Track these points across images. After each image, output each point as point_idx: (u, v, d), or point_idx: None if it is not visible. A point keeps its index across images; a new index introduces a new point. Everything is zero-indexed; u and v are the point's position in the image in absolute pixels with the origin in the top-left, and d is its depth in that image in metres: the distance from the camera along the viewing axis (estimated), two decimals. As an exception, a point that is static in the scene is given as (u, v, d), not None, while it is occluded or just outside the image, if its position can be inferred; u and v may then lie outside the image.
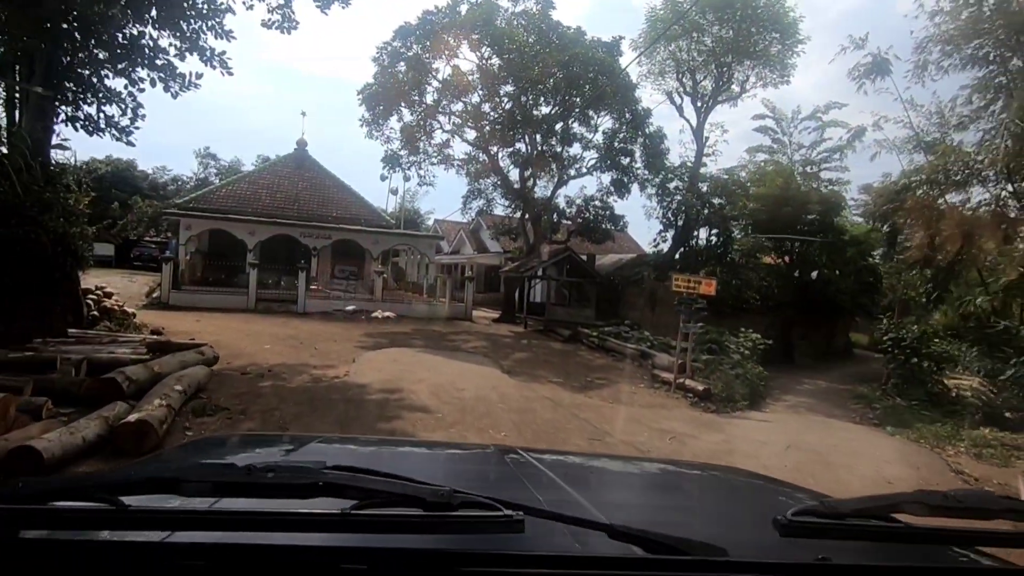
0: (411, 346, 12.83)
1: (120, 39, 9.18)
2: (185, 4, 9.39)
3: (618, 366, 12.40)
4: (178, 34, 9.86)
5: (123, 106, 10.14)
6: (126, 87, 9.64)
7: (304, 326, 14.88)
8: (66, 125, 9.60)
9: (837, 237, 21.51)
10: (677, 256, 21.09)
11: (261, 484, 0.85)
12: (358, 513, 0.83)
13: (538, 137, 20.51)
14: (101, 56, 9.57)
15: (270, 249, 20.69)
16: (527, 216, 22.08)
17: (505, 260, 25.71)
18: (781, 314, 20.96)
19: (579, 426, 6.87)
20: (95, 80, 9.57)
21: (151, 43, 9.51)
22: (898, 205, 17.55)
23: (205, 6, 9.71)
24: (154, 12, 9.24)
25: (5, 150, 8.22)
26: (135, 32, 9.35)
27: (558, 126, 20.91)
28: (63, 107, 9.50)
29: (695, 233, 20.94)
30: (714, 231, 20.81)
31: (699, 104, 21.70)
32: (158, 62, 9.58)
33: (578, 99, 19.89)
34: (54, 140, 9.59)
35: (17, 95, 8.94)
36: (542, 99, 20.10)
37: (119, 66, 9.39)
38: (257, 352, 10.19)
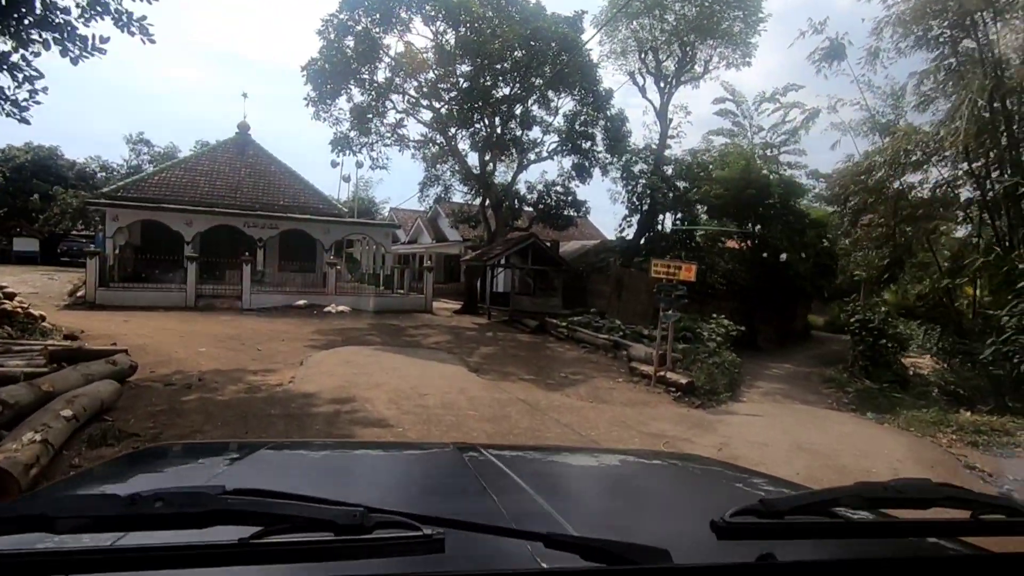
0: (367, 343, 11.78)
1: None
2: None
3: (591, 358, 11.67)
4: (82, -9, 8.40)
5: (17, 75, 8.61)
6: (15, 48, 8.13)
7: (248, 324, 13.61)
8: (-59, 96, 8.06)
9: (799, 219, 21.55)
10: (643, 241, 20.60)
11: (148, 515, 0.76)
12: (259, 542, 0.76)
13: (497, 120, 19.57)
14: (-17, 14, 8.04)
15: (211, 241, 19.24)
16: (487, 203, 21.23)
17: (465, 249, 24.76)
18: (745, 298, 20.86)
19: (561, 433, 6.06)
20: (-24, 41, 8.05)
21: (45, -1, 8.02)
22: (863, 186, 17.52)
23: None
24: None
25: None
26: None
27: (517, 108, 20.08)
28: (-62, 74, 7.97)
29: (661, 218, 20.48)
30: (679, 215, 20.40)
31: (662, 85, 21.14)
32: (55, 21, 8.10)
33: (538, 80, 19.04)
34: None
35: None
36: (500, 79, 19.16)
37: (5, 23, 7.89)
38: (189, 357, 8.96)
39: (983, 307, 17.30)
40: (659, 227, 20.66)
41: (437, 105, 19.10)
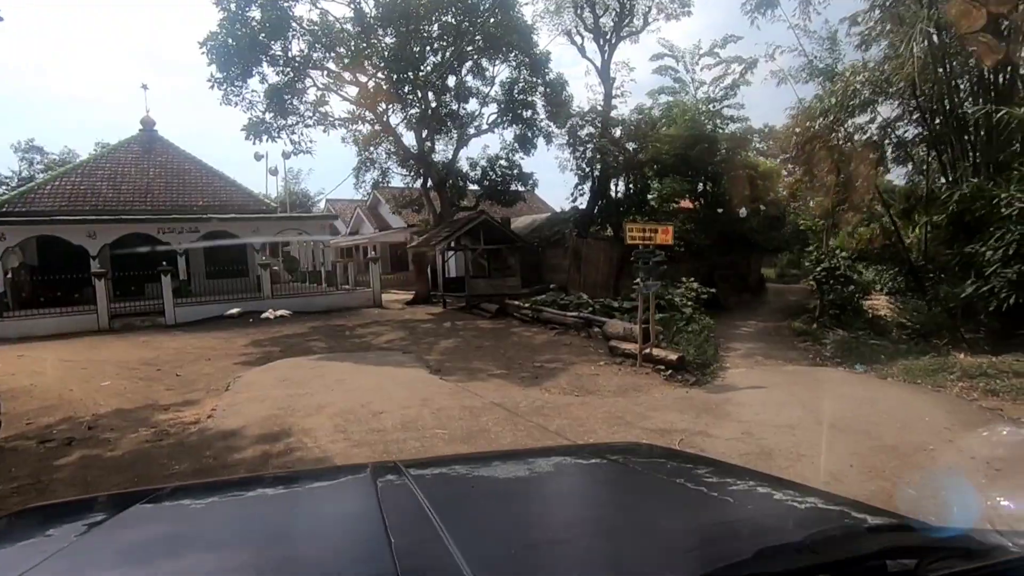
0: (309, 351, 10.33)
1: None
2: None
3: (563, 340, 10.61)
4: None
5: None
6: None
7: (171, 343, 11.89)
8: None
9: (747, 173, 21.23)
10: (596, 210, 19.69)
11: None
12: None
13: (431, 94, 18.06)
14: None
15: (122, 253, 17.06)
16: (429, 184, 19.82)
17: (411, 235, 23.24)
18: (704, 258, 20.43)
19: (554, 445, 4.94)
20: None
21: None
22: (814, 134, 17.15)
23: None
24: None
25: None
26: None
27: (451, 79, 18.65)
28: None
29: (615, 183, 19.60)
30: (631, 178, 19.60)
31: (601, 42, 20.00)
32: None
33: (470, 47, 17.62)
34: None
35: None
36: (429, 47, 17.61)
37: None
38: (86, 396, 7.33)
39: (929, 245, 17.54)
40: (613, 193, 19.77)
41: (363, 79, 17.37)
